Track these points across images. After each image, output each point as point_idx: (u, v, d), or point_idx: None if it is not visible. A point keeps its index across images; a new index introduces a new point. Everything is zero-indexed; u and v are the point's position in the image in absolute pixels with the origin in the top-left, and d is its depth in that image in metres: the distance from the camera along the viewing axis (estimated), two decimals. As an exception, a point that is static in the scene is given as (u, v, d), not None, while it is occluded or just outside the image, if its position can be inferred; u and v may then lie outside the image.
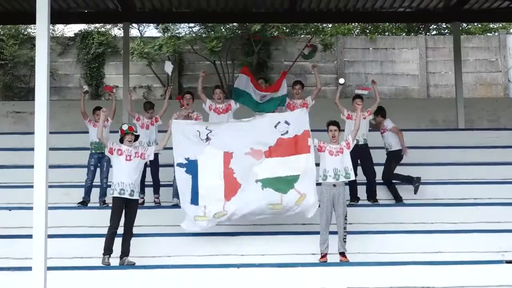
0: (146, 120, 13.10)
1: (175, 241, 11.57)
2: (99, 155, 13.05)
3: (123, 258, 10.71)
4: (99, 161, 13.08)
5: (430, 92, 24.01)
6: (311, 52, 15.30)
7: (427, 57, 24.18)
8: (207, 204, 11.14)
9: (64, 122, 17.38)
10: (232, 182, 11.20)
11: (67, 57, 23.80)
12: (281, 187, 11.13)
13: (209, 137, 11.46)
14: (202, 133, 11.46)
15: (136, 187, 10.81)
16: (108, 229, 10.71)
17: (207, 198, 11.15)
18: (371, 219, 12.27)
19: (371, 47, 24.33)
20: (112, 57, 23.78)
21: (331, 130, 11.29)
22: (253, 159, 11.30)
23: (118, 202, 10.73)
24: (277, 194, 11.11)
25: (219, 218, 11.14)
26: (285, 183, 11.15)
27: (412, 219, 12.42)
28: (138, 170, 10.92)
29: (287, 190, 11.11)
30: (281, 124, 11.47)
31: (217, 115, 12.85)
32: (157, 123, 13.19)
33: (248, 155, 11.34)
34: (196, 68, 23.15)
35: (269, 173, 11.22)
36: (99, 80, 23.53)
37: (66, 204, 12.87)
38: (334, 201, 10.96)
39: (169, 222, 11.96)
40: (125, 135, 11.02)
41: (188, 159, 11.33)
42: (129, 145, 10.97)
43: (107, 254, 10.62)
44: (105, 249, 10.64)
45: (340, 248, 10.93)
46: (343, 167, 11.06)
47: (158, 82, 23.50)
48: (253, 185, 11.18)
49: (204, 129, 11.52)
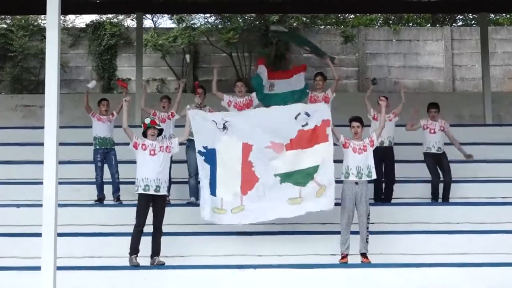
0: (162, 114, 13.08)
1: (189, 240, 11.55)
2: (104, 151, 13.08)
3: (154, 258, 10.68)
4: (105, 157, 13.09)
5: (456, 86, 23.87)
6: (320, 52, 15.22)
7: (453, 49, 24.03)
8: (224, 196, 11.13)
9: (74, 116, 17.41)
10: (250, 176, 11.18)
11: (78, 49, 23.85)
12: (301, 181, 11.11)
13: (226, 126, 11.42)
14: (219, 123, 11.43)
15: (162, 183, 10.76)
16: (134, 228, 10.68)
17: (223, 190, 11.14)
18: (394, 219, 12.21)
19: (394, 39, 24.22)
20: (124, 49, 23.80)
21: (354, 127, 11.22)
22: (274, 152, 11.27)
23: (143, 199, 10.71)
24: (296, 188, 11.09)
25: (237, 213, 11.09)
26: (305, 175, 11.12)
27: (437, 219, 12.36)
28: (163, 164, 10.87)
29: (306, 182, 11.09)
30: (302, 116, 11.40)
31: (238, 110, 12.76)
32: (173, 118, 13.16)
33: (269, 148, 11.30)
34: (212, 60, 23.13)
35: (289, 166, 11.20)
36: (111, 73, 23.57)
37: (76, 201, 12.91)
38: (356, 200, 10.91)
39: (181, 221, 11.96)
40: (148, 129, 11.01)
41: (207, 147, 11.32)
42: (152, 139, 10.96)
43: (134, 254, 10.59)
44: (131, 249, 10.61)
45: (362, 249, 10.88)
46: (366, 165, 11.01)
47: (172, 75, 23.50)
48: (271, 180, 11.16)
49: (220, 120, 11.48)
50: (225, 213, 11.11)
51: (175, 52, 23.10)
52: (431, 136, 13.26)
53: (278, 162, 11.23)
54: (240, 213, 11.12)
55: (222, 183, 11.17)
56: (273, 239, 11.56)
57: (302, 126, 11.32)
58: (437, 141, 13.23)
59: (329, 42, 23.47)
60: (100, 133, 13.18)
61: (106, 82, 23.37)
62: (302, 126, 11.32)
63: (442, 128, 13.37)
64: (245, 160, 11.26)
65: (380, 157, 12.26)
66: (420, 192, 13.43)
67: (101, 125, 13.22)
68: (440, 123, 13.39)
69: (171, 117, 13.14)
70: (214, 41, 23.12)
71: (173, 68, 23.37)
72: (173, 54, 23.16)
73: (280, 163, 11.23)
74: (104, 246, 11.26)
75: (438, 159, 13.17)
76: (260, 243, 11.49)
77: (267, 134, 11.33)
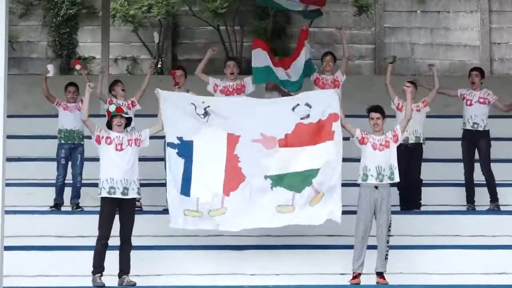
0: (120, 103, 13.03)
1: (166, 255, 11.60)
2: (70, 146, 13.11)
3: (122, 277, 10.71)
4: (70, 154, 13.10)
5: (494, 68, 23.91)
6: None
7: (490, 24, 24.06)
8: (201, 196, 11.11)
9: (26, 103, 17.37)
10: (235, 173, 11.19)
11: (30, 20, 23.76)
12: (296, 185, 11.11)
13: (207, 112, 11.38)
14: (199, 107, 11.38)
15: (131, 183, 10.80)
16: (97, 241, 10.70)
17: (201, 189, 11.13)
18: (417, 230, 12.29)
19: (418, 10, 24.24)
20: (87, 21, 23.72)
21: (373, 118, 11.19)
22: (264, 148, 11.26)
23: (108, 204, 10.74)
24: (289, 193, 11.10)
25: (215, 217, 11.09)
26: (301, 179, 11.12)
27: (470, 231, 12.43)
28: (133, 161, 10.91)
29: (302, 188, 11.08)
30: (301, 107, 11.38)
31: (226, 96, 12.83)
32: (134, 108, 13.11)
33: (258, 142, 11.28)
34: (194, 35, 23.11)
35: (282, 167, 11.19)
36: (70, 50, 23.46)
37: (28, 208, 12.91)
38: (375, 207, 10.93)
39: (156, 231, 11.99)
40: (113, 118, 11.01)
41: (182, 138, 11.28)
42: (119, 131, 10.97)
43: (98, 273, 10.62)
44: (94, 267, 10.64)
45: (379, 267, 10.92)
46: (388, 165, 11.00)
47: (146, 52, 23.46)
48: (261, 182, 11.17)
49: (201, 103, 11.42)
50: (201, 216, 11.09)
51: (150, 24, 23.03)
52: (467, 109, 13.28)
53: (269, 161, 11.22)
54: (220, 217, 11.09)
55: (199, 182, 11.14)
56: (269, 254, 11.61)
57: (301, 119, 11.29)
58: (474, 115, 13.19)
59: (339, 13, 23.44)
60: (66, 125, 13.19)
61: (65, 61, 23.31)
62: (301, 119, 11.29)
63: (484, 100, 13.35)
64: (230, 154, 11.25)
65: (405, 156, 12.16)
66: (451, 198, 13.50)
67: (68, 115, 13.24)
68: (482, 94, 13.36)
69: (131, 106, 13.06)
70: (198, 11, 23.07)
71: (147, 44, 23.34)
72: (147, 27, 23.09)
73: (272, 162, 11.21)
74: (61, 263, 11.28)
75: (475, 140, 13.16)
76: (253, 259, 11.54)
77: (257, 124, 11.32)
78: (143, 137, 11.07)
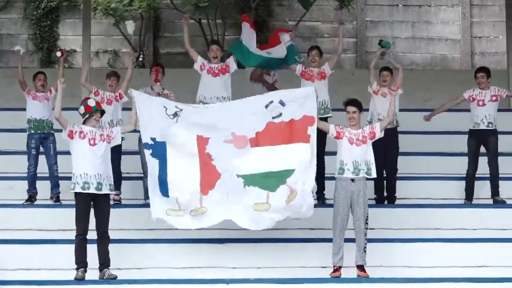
0: (108, 94, 13.04)
1: (147, 248, 11.62)
2: (40, 135, 13.10)
3: (103, 270, 10.71)
4: (41, 144, 13.10)
5: (475, 61, 23.98)
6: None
7: (471, 17, 24.14)
8: (179, 195, 11.11)
9: (7, 96, 17.34)
10: (210, 171, 11.17)
11: (11, 13, 23.70)
12: (269, 185, 11.09)
13: (177, 114, 11.36)
14: (170, 109, 11.36)
15: (104, 179, 10.81)
16: (75, 237, 10.71)
17: (178, 188, 11.12)
18: (397, 224, 12.32)
19: (400, 4, 24.30)
20: (68, 14, 23.68)
21: (349, 112, 11.17)
22: (235, 147, 11.25)
23: (82, 200, 10.75)
24: (263, 192, 11.09)
25: (197, 216, 11.11)
26: (275, 179, 11.10)
27: (450, 224, 12.46)
28: (105, 157, 10.92)
29: (276, 187, 11.06)
30: (274, 104, 11.32)
31: (212, 77, 12.85)
32: (122, 100, 13.13)
33: (229, 143, 11.26)
34: (176, 28, 23.08)
35: (254, 167, 11.16)
36: (51, 43, 23.44)
37: (9, 201, 12.91)
38: (352, 200, 10.97)
39: (137, 225, 12.00)
40: (94, 113, 11.00)
41: (155, 139, 11.29)
42: (93, 125, 10.98)
43: (82, 267, 10.61)
44: (77, 263, 10.65)
45: (359, 260, 10.97)
46: (364, 160, 11.02)
47: (127, 46, 23.42)
48: (234, 181, 11.17)
49: (173, 106, 11.43)
50: (184, 215, 11.11)
51: (131, 17, 23.01)
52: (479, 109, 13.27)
53: (240, 161, 11.19)
54: (201, 216, 11.12)
55: (175, 181, 11.14)
56: (251, 248, 11.63)
57: (273, 118, 11.25)
58: (488, 115, 13.22)
59: (320, 6, 23.48)
60: (35, 114, 13.14)
61: (46, 55, 23.25)
62: (273, 118, 11.25)
63: (496, 98, 13.35)
64: (202, 154, 11.23)
65: (381, 142, 11.94)
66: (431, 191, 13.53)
67: (37, 105, 13.19)
68: (494, 92, 13.39)
69: (119, 98, 13.11)
70: (179, 5, 23.04)
71: (129, 37, 23.31)
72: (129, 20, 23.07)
73: (244, 162, 11.19)
74: (42, 256, 11.27)
75: (484, 138, 13.21)
76: (234, 252, 11.56)
77: (229, 124, 11.30)
78: (114, 134, 11.08)
